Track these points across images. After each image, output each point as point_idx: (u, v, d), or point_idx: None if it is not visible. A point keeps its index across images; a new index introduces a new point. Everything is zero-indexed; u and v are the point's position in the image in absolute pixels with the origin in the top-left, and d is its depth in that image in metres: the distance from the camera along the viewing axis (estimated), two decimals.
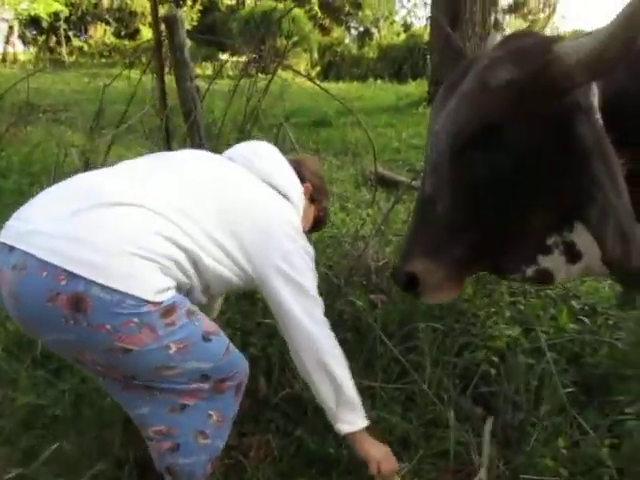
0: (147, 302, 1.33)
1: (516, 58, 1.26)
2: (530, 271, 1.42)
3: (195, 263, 1.49)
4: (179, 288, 1.48)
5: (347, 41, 26.03)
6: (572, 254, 1.39)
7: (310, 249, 1.70)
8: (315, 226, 2.08)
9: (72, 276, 1.27)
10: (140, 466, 1.82)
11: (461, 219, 1.36)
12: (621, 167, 1.21)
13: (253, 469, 1.93)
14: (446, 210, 1.36)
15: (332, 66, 22.34)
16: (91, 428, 2.03)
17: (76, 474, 1.80)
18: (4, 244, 1.33)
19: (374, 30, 27.26)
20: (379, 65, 21.25)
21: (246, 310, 2.47)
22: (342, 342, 2.27)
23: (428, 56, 11.72)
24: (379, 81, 18.69)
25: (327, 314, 2.36)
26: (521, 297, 2.45)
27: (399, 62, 20.61)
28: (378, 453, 1.64)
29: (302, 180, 1.91)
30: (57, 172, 3.74)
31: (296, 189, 1.84)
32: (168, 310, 1.39)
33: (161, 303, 1.36)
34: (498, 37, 1.58)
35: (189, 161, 1.73)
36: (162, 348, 1.38)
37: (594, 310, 2.41)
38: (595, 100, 1.22)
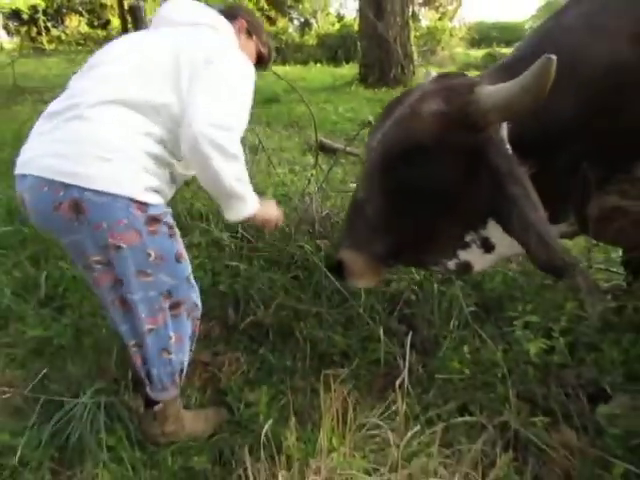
0: (133, 201, 1.34)
1: (445, 94, 1.27)
2: (452, 264, 1.43)
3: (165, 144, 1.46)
4: (164, 181, 1.49)
5: (290, 30, 25.18)
6: (487, 246, 1.40)
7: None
8: (260, 62, 1.87)
9: (66, 186, 1.29)
10: (133, 381, 1.83)
11: (384, 222, 1.36)
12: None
13: (226, 380, 1.97)
14: (373, 213, 1.36)
15: (278, 52, 21.62)
16: (90, 355, 2.02)
17: (80, 390, 1.79)
18: (17, 175, 1.38)
19: (313, 21, 26.53)
20: (318, 51, 20.72)
21: (214, 255, 2.45)
22: (294, 278, 2.33)
23: (358, 43, 11.48)
24: (318, 65, 18.26)
25: (281, 257, 2.40)
26: None
27: (334, 48, 20.13)
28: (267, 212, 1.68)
29: (234, 18, 1.75)
30: None
31: (222, 21, 1.66)
32: (153, 219, 1.41)
33: (147, 206, 1.37)
34: (433, 74, 1.56)
35: (131, 47, 1.55)
36: (144, 251, 1.40)
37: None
38: (505, 134, 1.24)
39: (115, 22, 22.12)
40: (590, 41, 1.26)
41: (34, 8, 23.31)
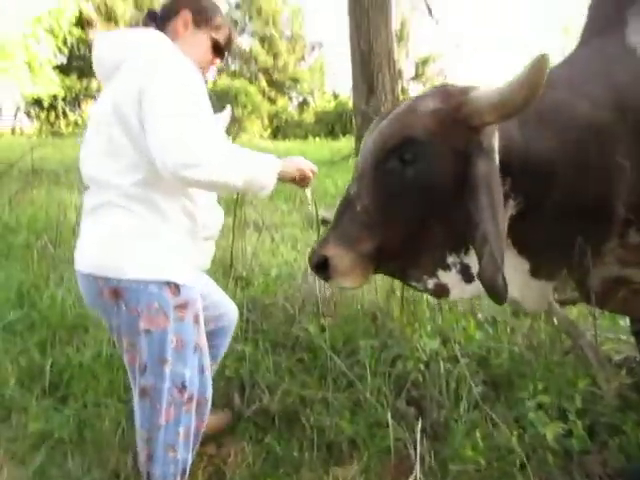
0: (165, 284, 1.35)
1: (441, 96, 1.24)
2: (431, 283, 1.35)
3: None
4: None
5: (290, 109, 26.24)
6: (468, 275, 1.32)
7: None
8: (218, 52, 1.57)
9: (104, 279, 1.34)
10: (134, 473, 1.71)
11: (374, 220, 1.28)
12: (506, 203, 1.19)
13: (231, 473, 1.83)
14: (363, 210, 1.28)
15: (279, 128, 22.49)
16: (91, 448, 1.91)
17: None
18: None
19: (310, 99, 27.66)
20: (316, 127, 21.50)
21: None
22: (299, 361, 2.24)
23: (353, 118, 11.88)
24: (316, 139, 18.87)
25: (286, 338, 2.33)
26: (438, 313, 2.45)
27: (331, 123, 20.89)
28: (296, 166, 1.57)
29: (176, 13, 1.48)
30: (58, 228, 3.61)
31: (144, 39, 1.40)
32: (182, 305, 1.40)
33: (178, 290, 1.37)
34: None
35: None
36: (168, 337, 1.38)
37: (495, 320, 2.41)
38: (496, 144, 1.19)
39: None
40: (571, 98, 1.26)
41: (54, 96, 24.41)
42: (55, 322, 2.64)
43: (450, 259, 1.31)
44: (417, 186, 1.22)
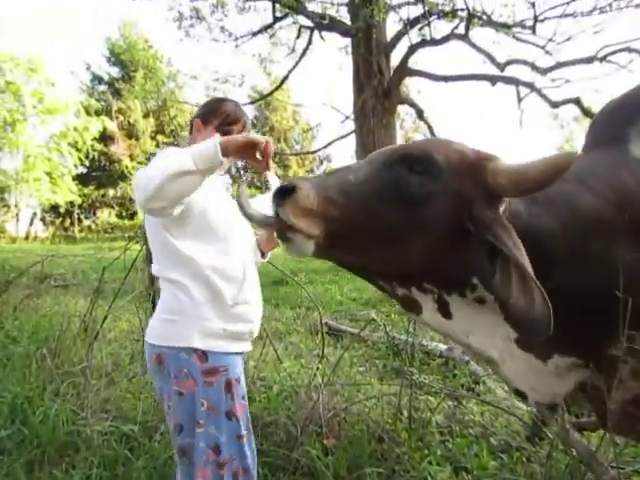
0: (195, 351, 1.49)
1: (475, 149, 1.27)
2: (400, 291, 1.28)
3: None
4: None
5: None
6: (445, 311, 1.27)
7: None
8: (225, 129, 1.69)
9: (152, 345, 1.56)
10: None
11: (355, 197, 1.21)
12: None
13: None
14: (354, 182, 1.23)
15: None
16: None
17: None
18: None
19: None
20: None
21: None
22: None
23: None
24: None
25: (287, 462, 2.20)
26: (449, 436, 2.32)
27: None
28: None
29: (192, 126, 1.75)
30: (59, 338, 3.57)
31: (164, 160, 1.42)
32: (211, 370, 1.50)
33: (207, 357, 1.50)
34: None
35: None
36: (198, 400, 1.48)
37: (509, 445, 2.27)
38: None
39: (141, 214, 24.06)
40: (577, 189, 1.29)
41: (71, 203, 25.48)
42: (46, 440, 2.52)
43: (427, 285, 1.26)
44: (409, 197, 1.20)
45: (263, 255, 1.94)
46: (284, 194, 1.19)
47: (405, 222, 1.20)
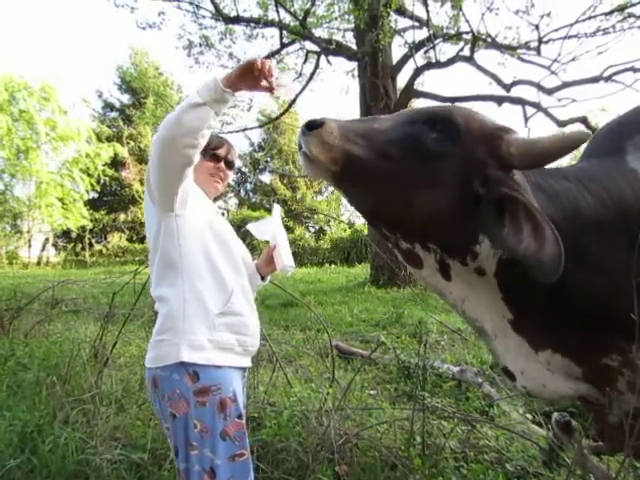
0: (187, 372, 1.47)
1: (494, 121, 1.31)
2: (404, 245, 1.33)
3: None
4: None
5: (307, 236, 27.15)
6: (445, 272, 1.32)
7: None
8: (217, 159, 1.85)
9: (149, 368, 1.56)
10: None
11: (377, 141, 1.28)
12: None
13: None
14: (378, 129, 1.31)
15: (296, 255, 22.93)
16: None
17: None
18: None
19: (327, 228, 28.68)
20: (332, 253, 21.98)
21: None
22: None
23: (368, 246, 12.17)
24: (332, 266, 19.21)
25: None
26: (463, 462, 2.27)
27: (347, 251, 21.37)
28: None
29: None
30: (70, 365, 3.56)
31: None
32: (203, 391, 1.48)
33: (198, 378, 1.48)
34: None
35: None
36: (191, 422, 1.46)
37: (526, 471, 2.21)
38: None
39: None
40: (578, 189, 1.33)
41: (82, 228, 25.76)
42: (55, 469, 2.49)
43: (431, 245, 1.31)
44: (425, 150, 1.26)
45: (263, 278, 1.97)
46: (311, 127, 1.28)
47: (417, 174, 1.26)
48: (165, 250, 1.59)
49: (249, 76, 1.47)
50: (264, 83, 1.50)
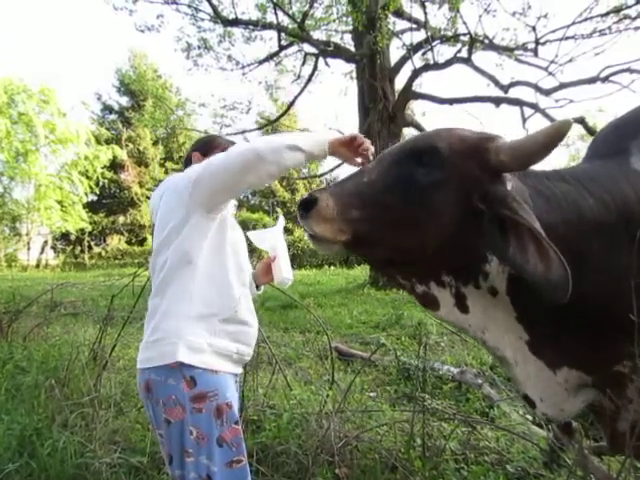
0: (181, 376, 1.44)
1: (477, 132, 1.33)
2: (419, 288, 1.34)
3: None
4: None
5: (306, 238, 27.11)
6: (462, 304, 1.32)
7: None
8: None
9: (141, 370, 1.52)
10: None
11: (372, 195, 1.30)
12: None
13: None
14: (368, 183, 1.32)
15: (295, 258, 22.99)
16: None
17: None
18: None
19: None
20: (331, 255, 21.95)
21: None
22: None
23: None
24: (332, 268, 19.20)
25: None
26: (464, 464, 2.25)
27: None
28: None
29: (190, 162, 1.82)
30: (69, 368, 3.55)
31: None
32: (199, 397, 1.45)
33: (195, 383, 1.44)
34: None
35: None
36: (187, 428, 1.43)
37: (527, 472, 2.20)
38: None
39: (150, 239, 24.28)
40: (578, 191, 1.32)
41: (82, 230, 25.73)
42: (54, 473, 2.48)
43: (446, 278, 1.31)
44: (419, 188, 1.27)
45: (258, 287, 1.96)
46: (307, 207, 1.30)
47: (420, 211, 1.27)
48: (184, 246, 1.54)
49: (351, 147, 1.57)
50: (358, 159, 1.58)
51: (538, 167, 1.29)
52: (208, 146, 1.85)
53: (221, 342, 1.55)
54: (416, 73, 10.76)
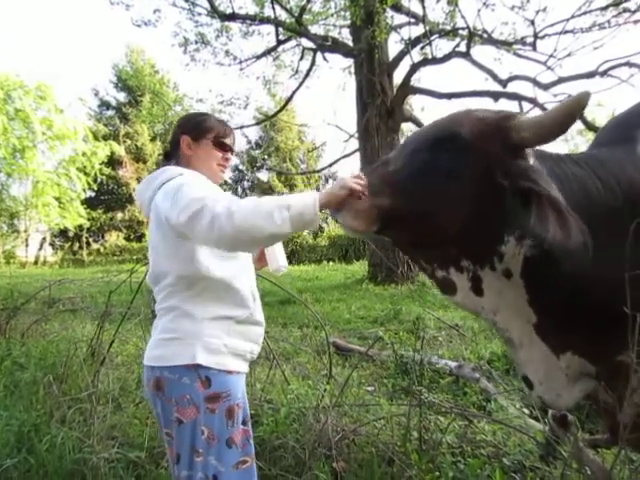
0: (199, 376, 1.43)
1: (495, 111, 1.37)
2: (439, 273, 1.40)
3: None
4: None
5: (304, 233, 27.10)
6: (477, 287, 1.36)
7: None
8: (221, 146, 1.71)
9: (152, 368, 1.49)
10: None
11: (398, 182, 1.35)
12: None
13: None
14: (393, 171, 1.37)
15: (294, 253, 22.98)
16: None
17: None
18: None
19: (324, 225, 28.66)
20: (330, 251, 21.95)
21: None
22: None
23: (366, 242, 12.17)
24: (330, 263, 19.20)
25: None
26: (460, 457, 2.27)
27: (345, 248, 21.34)
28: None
29: (177, 142, 1.70)
30: (67, 364, 3.56)
31: (159, 177, 1.58)
32: (213, 397, 1.45)
33: (210, 383, 1.44)
34: None
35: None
36: (199, 428, 1.43)
37: (523, 465, 2.21)
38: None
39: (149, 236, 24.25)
40: (588, 175, 1.37)
41: (80, 227, 25.71)
42: (52, 469, 2.48)
43: (464, 263, 1.36)
44: (444, 173, 1.31)
45: None
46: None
47: (446, 195, 1.32)
48: (195, 250, 1.49)
49: (341, 199, 1.37)
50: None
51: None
52: (198, 130, 1.70)
53: (236, 342, 1.55)
54: (414, 68, 10.72)
